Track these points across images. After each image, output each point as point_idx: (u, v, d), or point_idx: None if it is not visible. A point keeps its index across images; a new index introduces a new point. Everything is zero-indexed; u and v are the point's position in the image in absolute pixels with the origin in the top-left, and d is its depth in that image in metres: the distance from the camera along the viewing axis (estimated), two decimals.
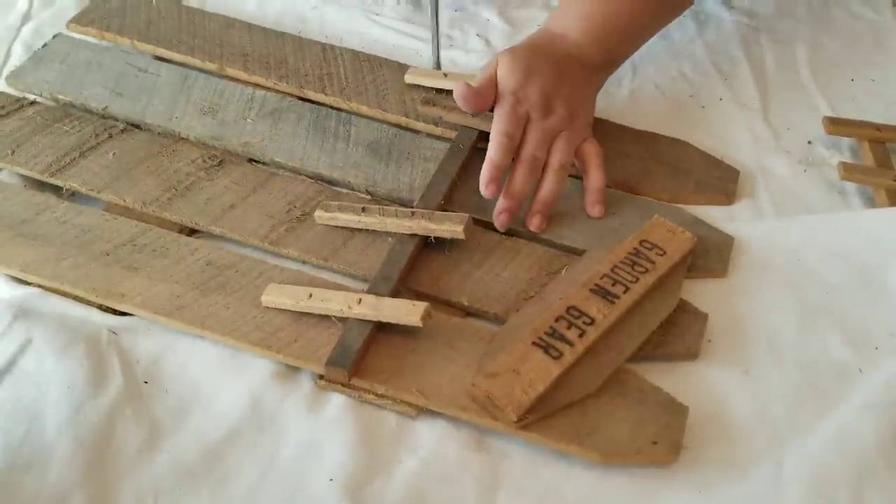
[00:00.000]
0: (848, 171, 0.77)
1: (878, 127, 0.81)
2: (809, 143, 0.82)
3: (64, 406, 0.59)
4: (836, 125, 0.81)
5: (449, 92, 0.80)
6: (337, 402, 0.61)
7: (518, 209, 0.70)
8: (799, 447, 0.60)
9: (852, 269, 0.71)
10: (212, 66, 0.82)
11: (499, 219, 0.69)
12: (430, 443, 0.59)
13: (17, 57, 0.83)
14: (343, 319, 0.62)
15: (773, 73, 0.89)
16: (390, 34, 0.90)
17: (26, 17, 0.87)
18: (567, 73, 0.74)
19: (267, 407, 0.60)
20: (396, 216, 0.67)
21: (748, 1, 0.97)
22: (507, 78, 0.72)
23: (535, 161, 0.70)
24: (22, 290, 0.65)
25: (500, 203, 0.69)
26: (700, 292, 0.69)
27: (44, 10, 0.87)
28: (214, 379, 0.62)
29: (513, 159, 0.71)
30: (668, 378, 0.63)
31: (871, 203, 0.77)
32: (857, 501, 0.57)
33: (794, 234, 0.73)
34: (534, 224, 0.70)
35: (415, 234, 0.67)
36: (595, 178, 0.72)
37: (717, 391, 0.63)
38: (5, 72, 0.80)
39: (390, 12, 0.93)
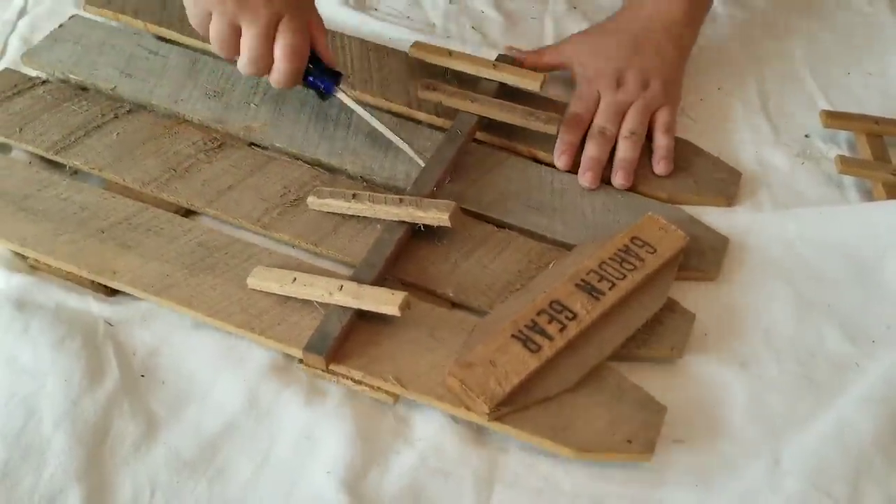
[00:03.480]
0: (845, 164, 0.76)
1: (875, 120, 0.80)
2: (807, 136, 0.82)
3: (61, 399, 0.59)
4: (834, 118, 0.80)
5: (451, 76, 0.80)
6: (335, 394, 0.61)
7: (601, 169, 0.73)
8: (796, 441, 0.60)
9: (850, 262, 0.70)
10: None
11: (585, 177, 0.73)
12: (427, 435, 0.60)
13: (15, 50, 0.84)
14: (325, 305, 0.62)
15: (770, 67, 0.88)
16: (387, 28, 0.89)
17: (22, 12, 0.89)
18: (642, 43, 0.79)
19: (264, 399, 0.61)
20: (385, 203, 0.67)
21: None
22: (574, 58, 0.79)
23: (605, 132, 0.75)
24: (18, 280, 0.65)
25: (581, 168, 0.74)
26: (696, 285, 0.68)
27: (39, 5, 0.89)
28: (211, 371, 0.62)
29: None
30: (664, 371, 0.63)
31: (869, 196, 0.76)
32: (855, 495, 0.57)
33: (791, 228, 0.73)
34: (618, 179, 0.73)
35: (403, 222, 0.67)
36: (658, 141, 0.76)
37: (713, 384, 0.63)
38: (2, 66, 0.82)
39: (387, 6, 0.92)
